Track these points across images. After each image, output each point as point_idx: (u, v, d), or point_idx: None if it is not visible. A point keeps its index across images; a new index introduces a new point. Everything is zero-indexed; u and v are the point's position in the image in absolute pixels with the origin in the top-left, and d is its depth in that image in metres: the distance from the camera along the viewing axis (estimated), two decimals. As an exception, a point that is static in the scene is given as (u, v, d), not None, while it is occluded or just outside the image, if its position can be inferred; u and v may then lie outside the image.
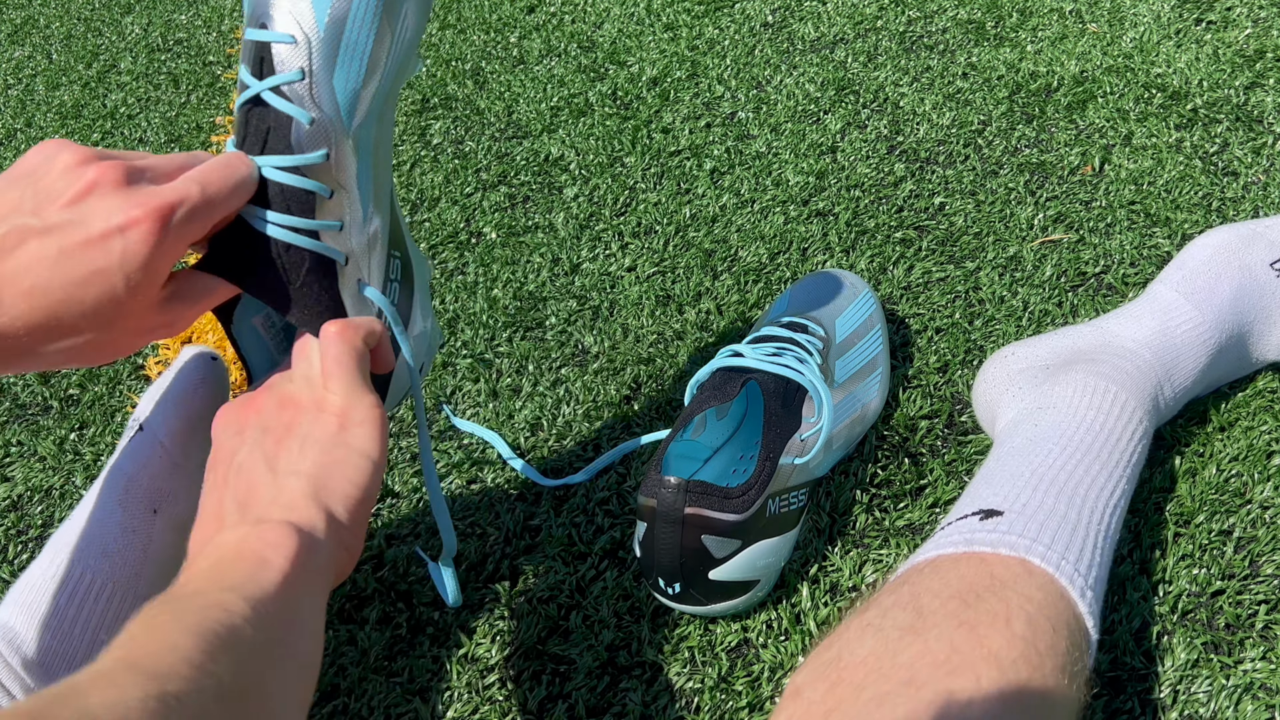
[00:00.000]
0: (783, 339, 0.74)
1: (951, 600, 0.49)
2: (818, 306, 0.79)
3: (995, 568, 0.52)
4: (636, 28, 1.32)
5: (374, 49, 0.55)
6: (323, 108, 0.53)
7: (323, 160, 0.54)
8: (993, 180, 0.99)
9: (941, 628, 0.47)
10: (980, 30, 1.18)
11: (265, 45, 0.53)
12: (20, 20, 1.69)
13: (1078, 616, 0.52)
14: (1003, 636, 0.47)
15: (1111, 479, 0.60)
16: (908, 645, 0.47)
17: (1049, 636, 0.48)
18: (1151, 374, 0.68)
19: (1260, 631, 0.63)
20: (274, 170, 0.53)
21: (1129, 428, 0.64)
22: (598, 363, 0.89)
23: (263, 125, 0.54)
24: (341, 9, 0.53)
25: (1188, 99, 1.02)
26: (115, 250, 0.45)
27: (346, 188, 0.55)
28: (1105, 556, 0.57)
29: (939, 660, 0.46)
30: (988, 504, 0.58)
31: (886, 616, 0.49)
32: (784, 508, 0.68)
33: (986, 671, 0.45)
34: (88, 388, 0.97)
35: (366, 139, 0.56)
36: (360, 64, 0.54)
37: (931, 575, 0.52)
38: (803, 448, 0.68)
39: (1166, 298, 0.72)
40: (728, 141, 1.10)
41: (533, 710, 0.67)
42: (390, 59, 0.56)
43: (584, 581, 0.73)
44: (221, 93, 1.39)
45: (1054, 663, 0.47)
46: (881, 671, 0.45)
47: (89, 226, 0.45)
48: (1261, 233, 0.73)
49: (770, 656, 0.66)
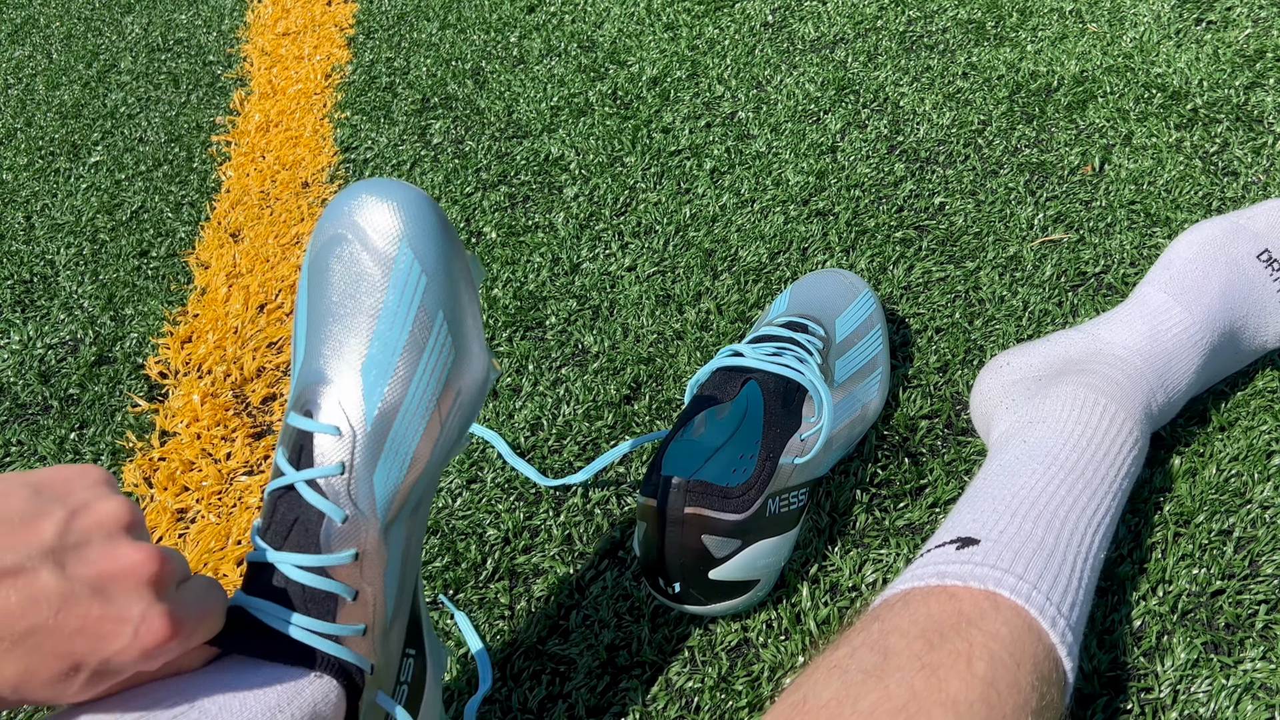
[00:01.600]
0: (783, 339, 0.74)
1: (917, 641, 0.50)
2: (818, 306, 0.79)
3: (964, 603, 0.52)
4: (636, 28, 1.32)
5: (420, 444, 0.52)
6: (359, 505, 0.50)
7: (350, 561, 0.49)
8: (993, 180, 0.99)
9: (904, 671, 0.48)
10: (980, 30, 1.18)
11: (308, 434, 0.50)
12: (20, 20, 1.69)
13: (1048, 648, 0.52)
14: (962, 679, 0.48)
15: (1095, 497, 0.60)
16: (869, 690, 0.48)
17: (1011, 674, 0.49)
18: (1143, 381, 0.68)
19: (1260, 631, 0.63)
20: (295, 569, 0.48)
21: (1117, 440, 0.64)
22: (598, 363, 0.89)
23: (289, 516, 0.50)
24: (393, 401, 0.50)
25: (1188, 99, 1.02)
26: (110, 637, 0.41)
27: (373, 587, 0.50)
28: (1087, 579, 0.57)
29: (897, 706, 0.46)
30: (966, 531, 0.58)
31: (853, 658, 0.50)
32: (784, 507, 0.68)
33: (942, 717, 0.46)
34: (88, 388, 0.97)
35: (398, 535, 0.52)
36: (405, 460, 0.51)
37: (901, 612, 0.53)
38: (803, 447, 0.68)
39: (1155, 300, 0.71)
40: (728, 141, 1.10)
41: (533, 710, 0.67)
42: (436, 453, 0.53)
43: (584, 581, 0.73)
44: (221, 93, 1.39)
45: (1014, 701, 0.48)
46: (842, 716, 0.46)
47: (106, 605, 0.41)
48: (1244, 225, 0.73)
49: (770, 656, 0.66)
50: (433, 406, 0.51)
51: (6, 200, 1.25)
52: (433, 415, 0.51)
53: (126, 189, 1.23)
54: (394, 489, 0.51)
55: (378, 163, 1.18)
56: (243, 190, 1.19)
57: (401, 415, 0.51)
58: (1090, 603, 0.57)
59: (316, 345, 0.52)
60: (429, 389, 0.52)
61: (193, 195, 1.20)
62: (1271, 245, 0.72)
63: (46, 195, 1.24)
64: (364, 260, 0.52)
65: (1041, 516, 0.58)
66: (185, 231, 1.14)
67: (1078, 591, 0.55)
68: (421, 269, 0.52)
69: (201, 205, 1.18)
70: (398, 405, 0.50)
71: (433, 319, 0.52)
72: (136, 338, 1.02)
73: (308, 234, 1.10)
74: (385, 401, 0.50)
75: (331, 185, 1.17)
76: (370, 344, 0.51)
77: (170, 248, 1.12)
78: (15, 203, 1.24)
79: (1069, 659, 0.53)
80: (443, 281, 0.53)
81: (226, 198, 1.19)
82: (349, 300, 0.52)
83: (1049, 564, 0.55)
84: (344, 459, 0.50)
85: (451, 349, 0.53)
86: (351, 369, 0.51)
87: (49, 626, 0.40)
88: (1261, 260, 0.72)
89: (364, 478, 0.50)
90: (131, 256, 1.12)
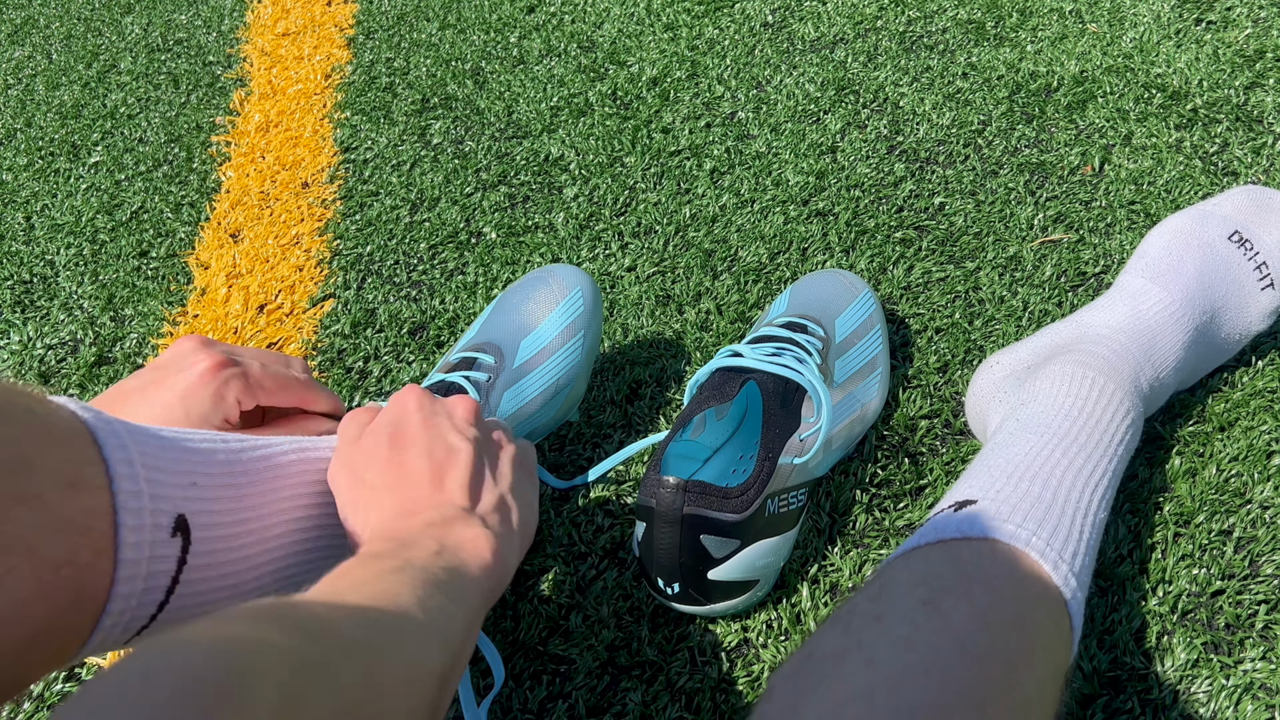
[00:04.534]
0: (782, 339, 0.74)
1: (918, 586, 0.50)
2: (817, 306, 0.79)
3: (962, 551, 0.53)
4: (636, 28, 1.32)
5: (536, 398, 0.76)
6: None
7: None
8: (993, 180, 0.99)
9: (904, 610, 0.48)
10: (980, 30, 1.18)
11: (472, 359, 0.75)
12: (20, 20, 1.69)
13: (1050, 588, 0.52)
14: (962, 612, 0.47)
15: (1092, 459, 0.60)
16: (871, 631, 0.47)
17: (1011, 609, 0.49)
18: (1129, 355, 0.69)
19: (1260, 631, 0.63)
20: None
21: (1109, 408, 0.64)
22: (598, 363, 0.89)
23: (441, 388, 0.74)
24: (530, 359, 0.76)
25: (1188, 99, 1.02)
26: (179, 380, 0.60)
27: None
28: (1088, 533, 0.56)
29: (898, 639, 0.46)
30: (963, 496, 0.58)
31: (855, 611, 0.50)
32: (783, 508, 0.68)
33: (943, 644, 0.45)
34: (88, 388, 0.97)
35: None
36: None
37: (900, 568, 0.53)
38: (802, 447, 0.68)
39: (1134, 284, 0.73)
40: (728, 141, 1.10)
41: (533, 710, 0.67)
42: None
43: (584, 581, 0.73)
44: (221, 93, 1.39)
45: (1015, 635, 0.47)
46: (845, 659, 0.46)
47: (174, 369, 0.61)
48: (1211, 210, 0.75)
49: (770, 656, 0.66)
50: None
51: (6, 200, 1.25)
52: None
53: (126, 189, 1.23)
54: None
55: (377, 163, 1.18)
56: (243, 190, 1.19)
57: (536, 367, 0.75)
58: (1094, 558, 0.57)
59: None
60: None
61: (193, 195, 1.20)
62: (1241, 226, 0.73)
63: (46, 195, 1.24)
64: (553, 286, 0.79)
65: (1038, 476, 0.58)
66: (185, 232, 1.14)
67: (1078, 542, 0.55)
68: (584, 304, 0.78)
69: (201, 205, 1.18)
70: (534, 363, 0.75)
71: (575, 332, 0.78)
72: (136, 338, 1.02)
73: (308, 234, 1.10)
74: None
75: (331, 185, 1.17)
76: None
77: (170, 248, 1.12)
78: (15, 203, 1.24)
79: (1074, 602, 0.53)
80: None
81: (226, 198, 1.19)
82: None
83: (1047, 515, 0.55)
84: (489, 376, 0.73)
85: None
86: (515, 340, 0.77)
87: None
88: (1233, 241, 0.73)
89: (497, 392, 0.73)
90: (131, 257, 1.12)
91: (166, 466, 0.47)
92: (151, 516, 0.45)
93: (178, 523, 0.47)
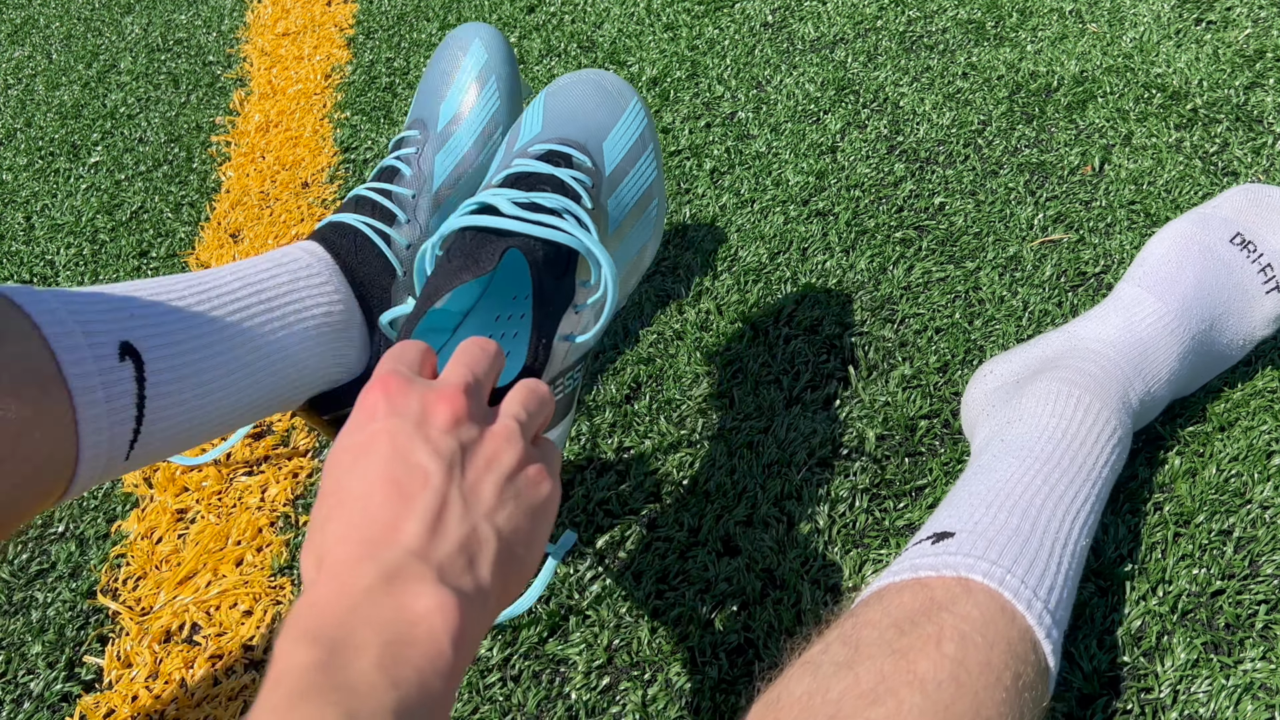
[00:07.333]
0: (543, 176, 0.59)
1: (889, 630, 0.50)
2: (581, 126, 0.63)
3: (935, 591, 0.52)
4: (636, 28, 1.32)
5: (468, 151, 0.77)
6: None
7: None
8: (993, 180, 0.99)
9: (874, 659, 0.48)
10: (980, 30, 1.18)
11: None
12: (20, 20, 1.69)
13: (1023, 629, 0.52)
14: (931, 659, 0.47)
15: (1073, 486, 0.60)
16: (839, 680, 0.47)
17: (982, 653, 0.49)
18: (1118, 372, 0.68)
19: (1260, 631, 0.63)
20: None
21: (1094, 429, 0.64)
22: (598, 363, 0.89)
23: None
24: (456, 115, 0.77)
25: (1188, 99, 1.02)
26: None
27: None
28: (1067, 565, 0.56)
29: (865, 690, 0.46)
30: (942, 527, 0.58)
31: (826, 653, 0.50)
32: (560, 392, 0.59)
33: (910, 696, 0.46)
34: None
35: None
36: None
37: (875, 606, 0.53)
38: (579, 322, 0.58)
39: (1129, 294, 0.72)
40: (728, 141, 1.10)
41: (533, 710, 0.67)
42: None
43: (584, 581, 0.73)
44: (221, 93, 1.39)
45: (985, 680, 0.48)
46: (812, 709, 0.46)
47: None
48: (1212, 213, 0.73)
49: (771, 657, 0.66)
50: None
51: (6, 200, 1.25)
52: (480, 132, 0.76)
53: (126, 189, 1.23)
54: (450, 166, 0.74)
55: (377, 163, 1.18)
56: (243, 190, 1.19)
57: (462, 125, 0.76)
58: (1075, 589, 0.57)
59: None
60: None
61: (193, 195, 1.20)
62: (1243, 229, 0.72)
63: (46, 195, 1.24)
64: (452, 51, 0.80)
65: (1017, 506, 0.58)
66: (185, 232, 1.14)
67: (1056, 575, 0.55)
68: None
69: (201, 205, 1.18)
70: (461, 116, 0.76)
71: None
72: (136, 338, 1.02)
73: (307, 234, 1.10)
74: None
75: (331, 185, 1.17)
76: None
77: (170, 248, 1.12)
78: (15, 203, 1.24)
79: (1047, 641, 0.52)
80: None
81: (226, 198, 1.19)
82: None
83: (1024, 550, 0.55)
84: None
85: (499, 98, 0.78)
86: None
87: None
88: (1235, 244, 0.72)
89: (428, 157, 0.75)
90: (131, 257, 1.12)
91: (96, 304, 0.51)
92: (90, 348, 0.49)
93: (123, 348, 0.51)
